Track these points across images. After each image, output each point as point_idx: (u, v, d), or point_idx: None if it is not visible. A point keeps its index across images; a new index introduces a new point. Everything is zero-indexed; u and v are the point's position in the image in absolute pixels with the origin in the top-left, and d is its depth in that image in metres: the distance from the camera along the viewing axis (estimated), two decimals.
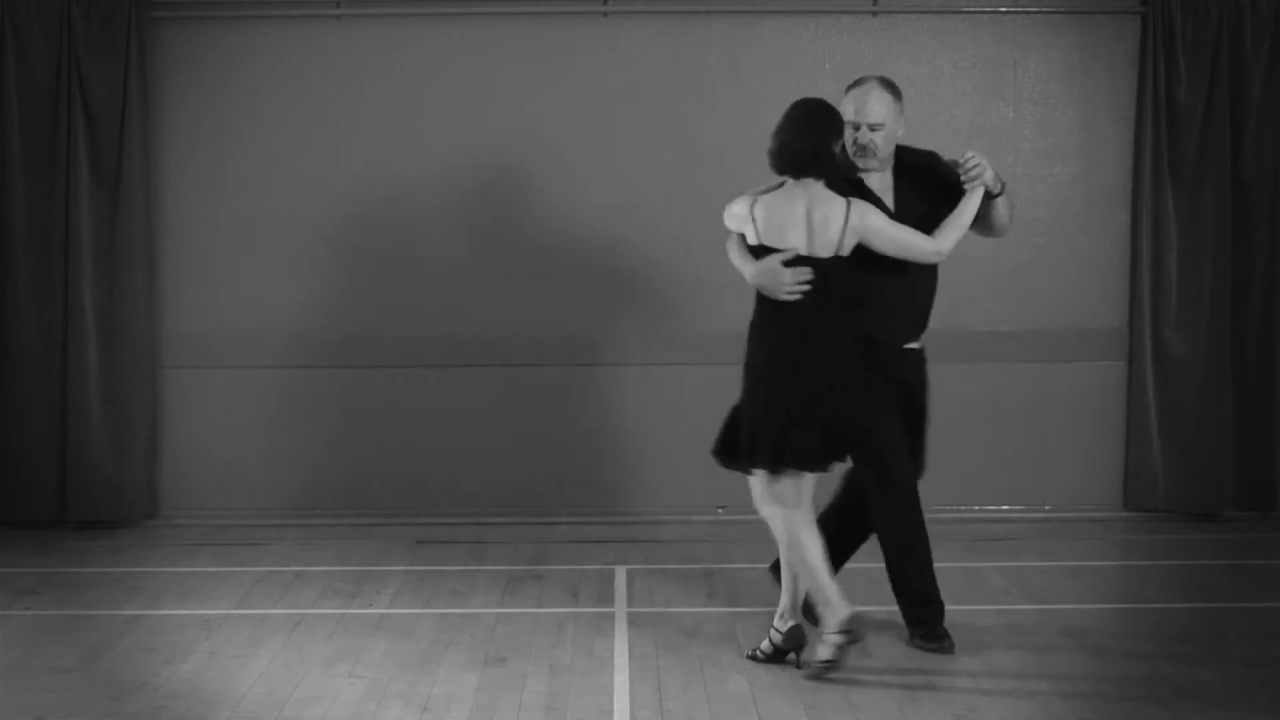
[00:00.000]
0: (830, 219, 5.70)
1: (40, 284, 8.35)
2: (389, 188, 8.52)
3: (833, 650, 5.73)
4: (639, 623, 6.50)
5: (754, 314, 5.88)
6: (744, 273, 5.85)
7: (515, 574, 7.39)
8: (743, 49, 8.53)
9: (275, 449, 8.60)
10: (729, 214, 5.89)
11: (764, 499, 5.90)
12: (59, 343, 8.37)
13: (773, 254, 5.75)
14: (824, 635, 5.75)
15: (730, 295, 5.89)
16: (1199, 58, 8.43)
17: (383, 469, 8.62)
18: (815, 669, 5.75)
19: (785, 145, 5.74)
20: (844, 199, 5.74)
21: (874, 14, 8.53)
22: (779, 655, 5.92)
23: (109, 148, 8.33)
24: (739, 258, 5.89)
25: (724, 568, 7.45)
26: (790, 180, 5.78)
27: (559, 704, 5.47)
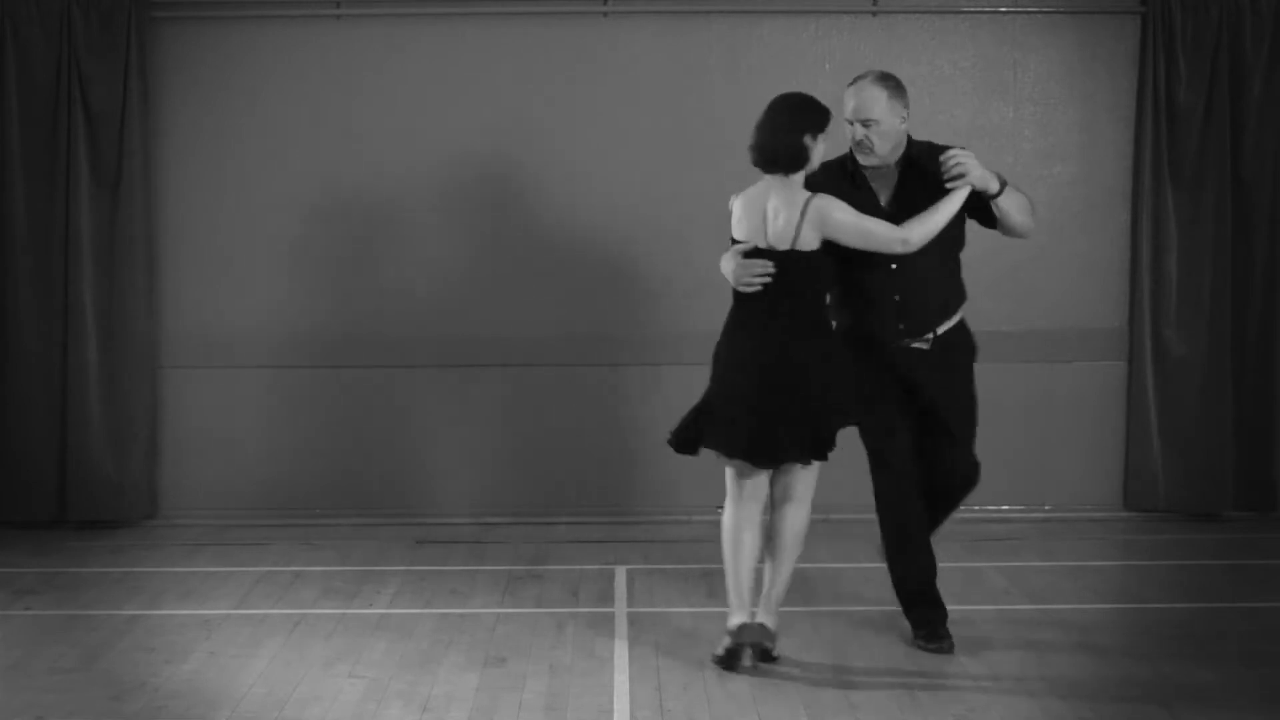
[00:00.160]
0: (786, 213, 5.77)
1: (40, 284, 8.35)
2: (389, 187, 8.52)
3: (721, 649, 5.85)
4: (639, 623, 6.50)
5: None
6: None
7: (515, 574, 7.39)
8: (743, 49, 8.53)
9: (275, 449, 8.60)
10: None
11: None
12: (59, 343, 8.37)
13: (737, 246, 5.88)
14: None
15: (730, 295, 5.90)
16: (1199, 58, 8.43)
17: (383, 469, 8.62)
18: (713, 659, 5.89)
19: (756, 142, 5.86)
20: (807, 194, 5.79)
21: (874, 14, 8.53)
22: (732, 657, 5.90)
23: (109, 148, 8.33)
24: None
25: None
26: (767, 175, 5.87)
27: (559, 704, 5.47)
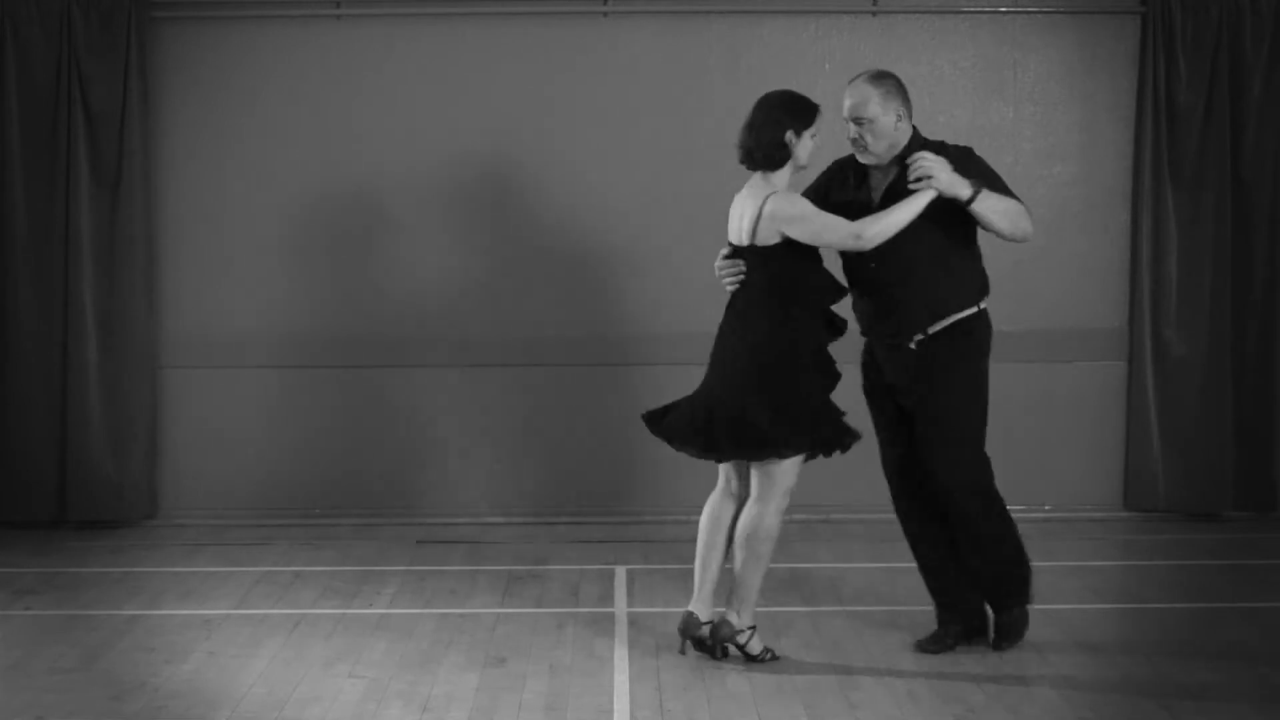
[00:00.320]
0: (750, 210, 5.84)
1: (40, 284, 8.35)
2: (389, 187, 8.51)
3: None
4: (639, 623, 6.50)
5: None
6: None
7: (515, 574, 7.39)
8: (743, 49, 8.53)
9: (275, 449, 8.60)
10: None
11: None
12: (59, 343, 8.36)
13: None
14: None
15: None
16: (1199, 58, 8.42)
17: (383, 469, 8.62)
18: None
19: (740, 140, 5.92)
20: (770, 190, 5.82)
21: (874, 14, 8.53)
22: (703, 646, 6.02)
23: (109, 148, 8.33)
24: None
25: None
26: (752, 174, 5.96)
27: (559, 704, 5.47)
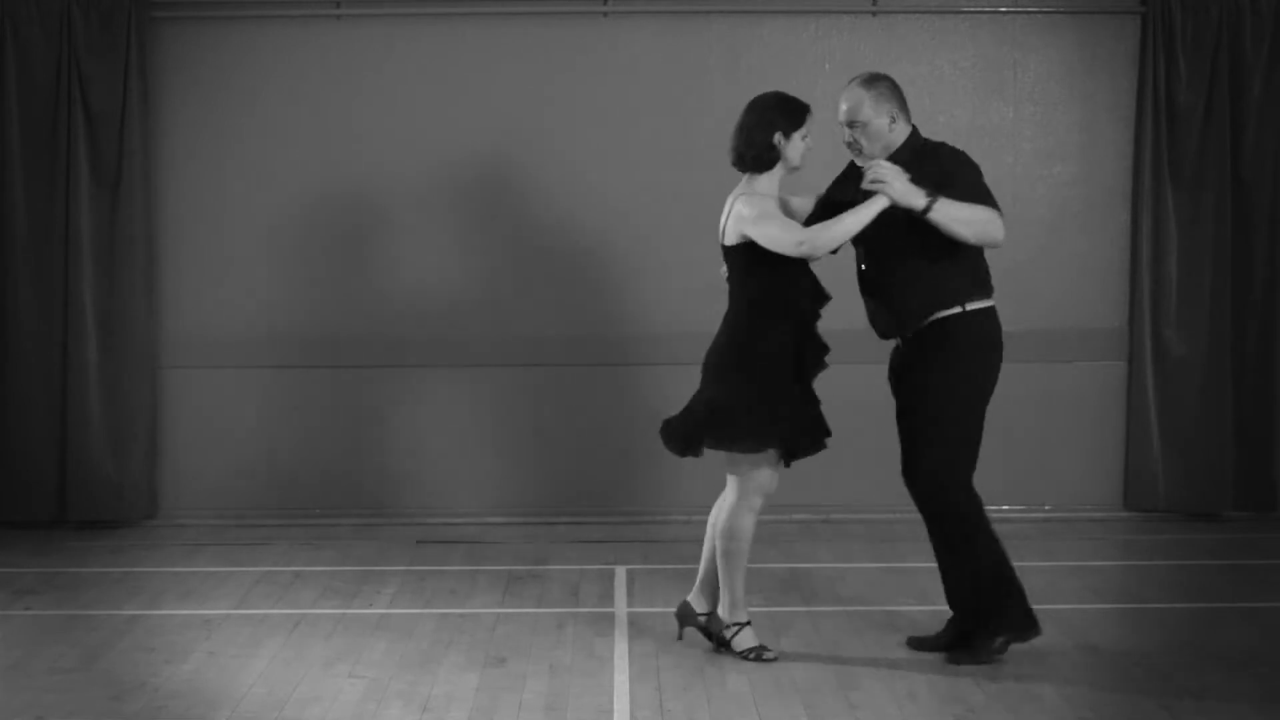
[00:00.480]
0: (725, 210, 5.93)
1: (40, 284, 8.35)
2: (389, 187, 8.52)
3: None
4: (639, 623, 6.49)
5: None
6: None
7: (515, 574, 7.39)
8: (743, 49, 8.53)
9: (275, 449, 8.60)
10: None
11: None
12: (59, 343, 8.37)
13: None
14: None
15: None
16: (1199, 58, 8.42)
17: (383, 469, 8.62)
18: None
19: (731, 143, 5.94)
20: (741, 192, 5.87)
21: (874, 14, 8.53)
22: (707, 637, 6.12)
23: (109, 148, 8.33)
24: None
25: None
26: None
27: (559, 704, 5.47)
